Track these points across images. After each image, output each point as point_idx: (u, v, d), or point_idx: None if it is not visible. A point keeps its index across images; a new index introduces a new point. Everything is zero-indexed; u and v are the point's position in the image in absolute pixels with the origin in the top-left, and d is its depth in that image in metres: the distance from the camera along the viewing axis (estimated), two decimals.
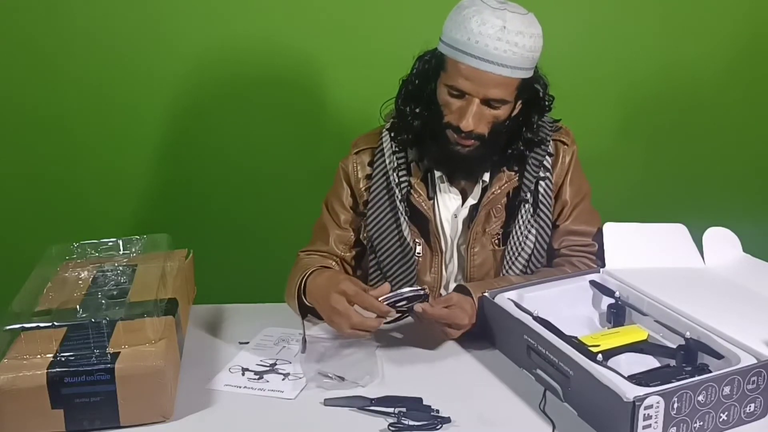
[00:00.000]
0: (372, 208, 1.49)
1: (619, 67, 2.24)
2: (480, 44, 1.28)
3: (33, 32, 2.05)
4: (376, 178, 1.49)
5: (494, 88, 1.32)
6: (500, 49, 1.28)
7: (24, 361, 1.08)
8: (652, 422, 0.99)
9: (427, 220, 1.48)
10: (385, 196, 1.48)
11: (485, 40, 1.28)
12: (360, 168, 1.53)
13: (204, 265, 1.61)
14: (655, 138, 2.34)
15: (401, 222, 1.47)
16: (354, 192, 1.54)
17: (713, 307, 1.25)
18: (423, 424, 1.09)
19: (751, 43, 2.27)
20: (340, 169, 1.55)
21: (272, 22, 2.09)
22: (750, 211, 2.35)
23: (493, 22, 1.28)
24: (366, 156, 1.53)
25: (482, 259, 1.49)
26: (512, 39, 1.28)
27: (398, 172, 1.47)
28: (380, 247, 1.49)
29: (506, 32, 1.28)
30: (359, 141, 1.56)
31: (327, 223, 1.55)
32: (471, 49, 1.29)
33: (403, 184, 1.47)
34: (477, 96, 1.33)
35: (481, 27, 1.28)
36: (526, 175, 1.46)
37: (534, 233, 1.47)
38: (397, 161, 1.47)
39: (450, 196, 1.49)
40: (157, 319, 1.17)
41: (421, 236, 1.50)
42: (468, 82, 1.32)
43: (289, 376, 1.25)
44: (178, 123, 2.16)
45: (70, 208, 2.20)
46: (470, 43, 1.29)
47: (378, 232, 1.49)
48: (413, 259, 1.49)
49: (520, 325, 1.23)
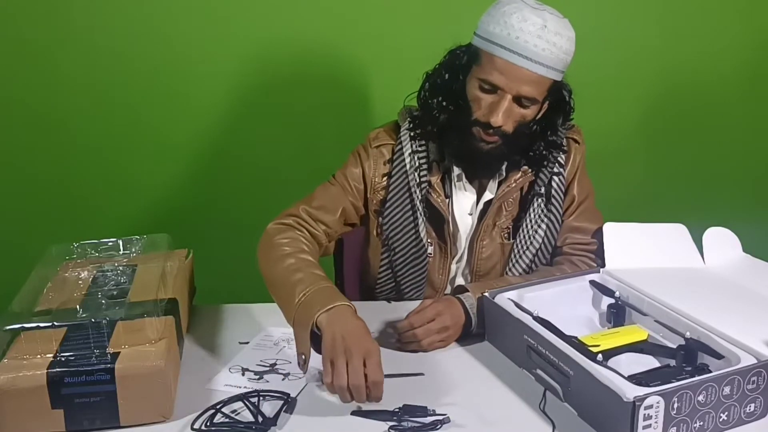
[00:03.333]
0: (390, 207, 1.49)
1: (620, 68, 2.24)
2: (520, 40, 1.29)
3: (33, 32, 2.05)
4: (395, 177, 1.48)
5: (527, 86, 1.33)
6: (539, 47, 1.30)
7: (24, 361, 1.08)
8: (652, 422, 0.99)
9: (442, 220, 1.48)
10: (404, 195, 1.48)
11: (525, 36, 1.29)
12: (379, 164, 1.51)
13: (204, 265, 1.61)
14: (655, 138, 2.34)
15: (419, 222, 1.47)
16: (366, 183, 1.51)
17: (713, 307, 1.25)
18: (423, 425, 1.09)
19: (752, 43, 2.27)
20: (356, 153, 1.53)
21: (272, 22, 2.09)
22: (750, 211, 2.35)
23: (534, 20, 1.29)
24: (386, 151, 1.51)
25: (490, 252, 1.50)
26: (551, 39, 1.30)
27: (419, 172, 1.46)
28: (395, 246, 1.49)
29: (546, 31, 1.30)
30: (379, 134, 1.53)
31: (338, 194, 1.50)
32: (509, 44, 1.30)
33: (424, 184, 1.46)
34: (510, 92, 1.33)
35: (522, 24, 1.29)
36: (542, 171, 1.47)
37: (544, 227, 1.48)
38: (419, 161, 1.47)
39: (466, 194, 1.49)
40: (157, 319, 1.17)
41: (434, 236, 1.50)
42: (502, 77, 1.32)
43: (289, 376, 1.24)
44: (178, 123, 2.16)
45: (70, 208, 2.20)
46: (510, 38, 1.30)
47: (395, 231, 1.49)
48: (426, 260, 1.49)
49: (520, 325, 1.23)
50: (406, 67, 1.50)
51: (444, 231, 1.49)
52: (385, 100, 2.13)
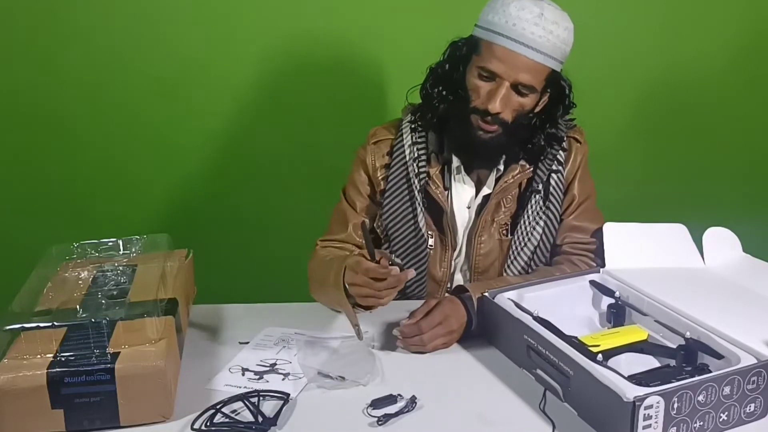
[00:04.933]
0: (389, 197, 1.50)
1: (620, 66, 2.24)
2: (517, 27, 1.32)
3: (33, 32, 2.05)
4: (394, 168, 1.50)
5: (525, 73, 1.35)
6: (536, 34, 1.33)
7: (24, 361, 1.08)
8: (652, 422, 1.00)
9: (441, 212, 1.49)
10: (403, 186, 1.49)
11: (522, 23, 1.32)
12: (378, 157, 1.53)
13: (204, 265, 1.61)
14: (655, 138, 2.34)
15: (417, 213, 1.48)
16: (371, 180, 1.54)
17: (713, 307, 1.25)
18: (400, 410, 1.12)
19: (752, 43, 2.27)
20: (357, 157, 1.56)
21: (273, 22, 2.09)
22: (750, 211, 2.35)
23: (531, 8, 1.33)
24: (384, 146, 1.54)
25: (488, 248, 1.50)
26: (548, 27, 1.33)
27: (418, 162, 1.48)
28: (395, 237, 1.50)
29: (543, 19, 1.33)
30: (377, 131, 1.56)
31: (346, 210, 1.56)
32: (507, 32, 1.33)
33: (422, 174, 1.47)
34: (508, 79, 1.35)
35: (520, 12, 1.33)
36: (540, 167, 1.48)
37: (542, 225, 1.48)
38: (417, 152, 1.48)
39: (464, 187, 1.50)
40: (157, 319, 1.17)
41: (434, 228, 1.51)
42: (501, 64, 1.34)
43: (289, 376, 1.24)
44: (178, 123, 2.16)
45: (70, 208, 2.20)
46: (507, 26, 1.33)
47: (394, 221, 1.50)
48: (426, 252, 1.50)
49: (520, 325, 1.23)
50: (410, 66, 1.50)
51: (443, 223, 1.50)
52: (389, 99, 2.13)
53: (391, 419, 1.10)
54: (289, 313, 1.48)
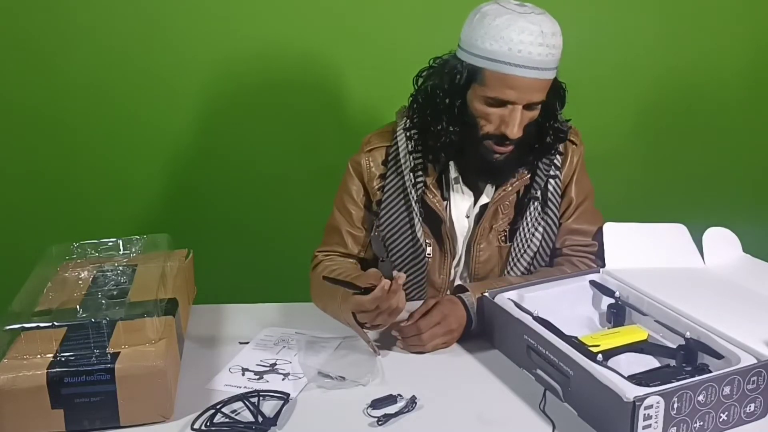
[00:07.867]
0: (386, 208, 1.48)
1: (620, 68, 2.24)
2: (523, 53, 1.29)
3: (33, 32, 2.05)
4: (390, 178, 1.48)
5: (537, 92, 1.34)
6: (542, 54, 1.30)
7: (24, 361, 1.08)
8: (652, 422, 1.00)
9: (439, 221, 1.48)
10: (399, 196, 1.47)
11: (528, 47, 1.29)
12: (373, 166, 1.51)
13: (204, 265, 1.61)
14: (656, 138, 2.34)
15: (415, 223, 1.47)
16: (367, 189, 1.52)
17: (713, 307, 1.25)
18: (400, 410, 1.12)
19: (751, 43, 2.27)
20: (350, 166, 1.54)
21: (274, 23, 2.09)
22: (750, 211, 2.35)
23: (530, 28, 1.29)
24: (379, 154, 1.51)
25: (487, 256, 1.50)
26: (550, 42, 1.30)
27: (414, 172, 1.46)
28: (392, 248, 1.49)
29: (544, 36, 1.29)
30: (372, 138, 1.54)
31: (340, 223, 1.53)
32: (513, 59, 1.29)
33: (419, 184, 1.46)
34: (521, 103, 1.33)
35: (521, 35, 1.28)
36: (538, 173, 1.46)
37: (541, 231, 1.48)
38: (414, 161, 1.46)
39: (463, 197, 1.49)
40: (157, 319, 1.17)
41: (432, 237, 1.50)
42: (514, 92, 1.32)
43: (289, 376, 1.24)
44: (179, 123, 2.16)
45: (70, 208, 2.20)
46: (512, 54, 1.29)
47: (391, 232, 1.49)
48: (424, 261, 1.49)
49: (520, 325, 1.23)
50: (406, 68, 1.50)
51: (442, 232, 1.49)
52: (385, 100, 2.12)
53: (391, 419, 1.10)
54: (289, 313, 1.48)
